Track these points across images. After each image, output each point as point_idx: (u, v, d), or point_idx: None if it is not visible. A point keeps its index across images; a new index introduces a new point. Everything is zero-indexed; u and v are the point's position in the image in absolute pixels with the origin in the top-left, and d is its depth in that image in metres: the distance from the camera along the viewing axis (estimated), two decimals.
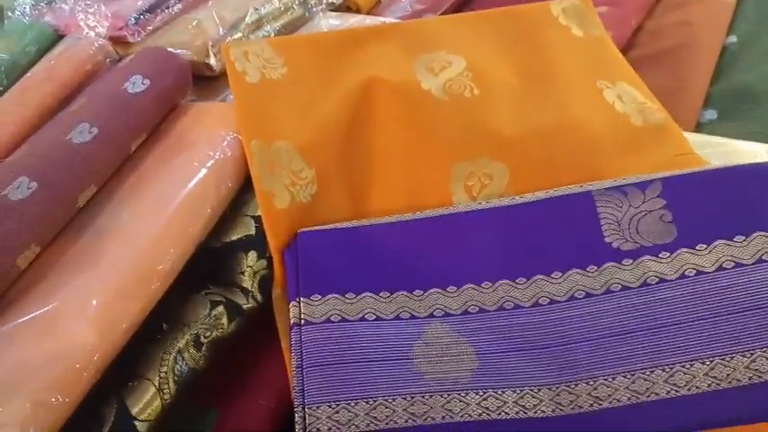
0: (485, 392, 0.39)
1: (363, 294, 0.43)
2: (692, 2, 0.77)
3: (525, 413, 0.38)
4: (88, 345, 0.38)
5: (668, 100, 0.57)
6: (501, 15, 0.61)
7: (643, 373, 0.39)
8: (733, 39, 0.73)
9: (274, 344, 0.44)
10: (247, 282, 0.45)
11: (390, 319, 0.42)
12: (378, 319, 0.42)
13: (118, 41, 0.62)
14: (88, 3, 0.65)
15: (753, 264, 0.41)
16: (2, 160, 0.48)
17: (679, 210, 0.44)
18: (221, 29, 0.61)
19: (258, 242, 0.46)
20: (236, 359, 0.44)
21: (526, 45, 0.58)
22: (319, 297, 0.43)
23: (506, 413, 0.38)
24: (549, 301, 0.42)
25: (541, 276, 0.43)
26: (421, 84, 0.54)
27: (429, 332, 0.41)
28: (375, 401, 0.39)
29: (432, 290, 0.43)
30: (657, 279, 0.42)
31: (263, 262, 0.46)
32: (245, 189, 0.49)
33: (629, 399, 0.38)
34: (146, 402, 0.38)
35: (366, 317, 0.42)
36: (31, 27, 0.64)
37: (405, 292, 0.43)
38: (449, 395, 0.39)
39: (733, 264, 0.41)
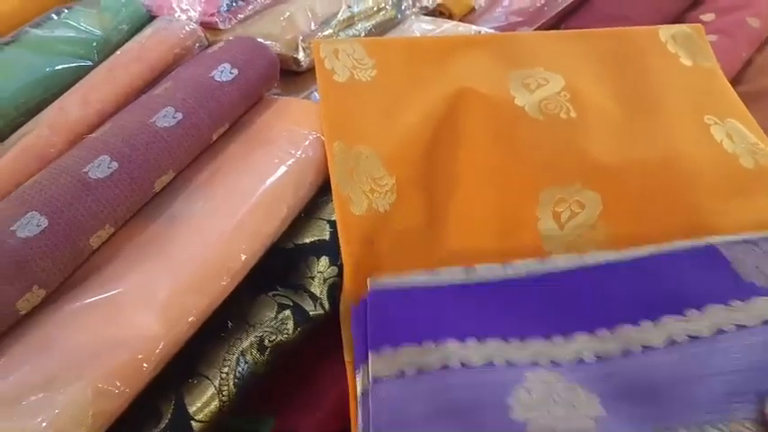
0: None
1: (446, 341, 0.37)
2: None
3: None
4: (152, 336, 0.37)
5: None
6: (605, 36, 0.58)
7: None
8: None
9: (339, 355, 0.42)
10: (316, 288, 0.43)
11: (480, 366, 0.37)
12: (464, 366, 0.37)
13: (208, 27, 0.61)
14: None
15: None
16: (86, 136, 0.48)
17: None
18: (312, 23, 0.60)
19: (331, 248, 0.44)
20: (298, 368, 0.43)
21: (630, 70, 0.55)
22: (391, 349, 0.38)
23: None
24: (688, 337, 0.39)
25: (672, 317, 0.39)
26: (515, 100, 0.51)
27: (532, 378, 0.36)
28: None
29: (531, 339, 0.39)
30: None
31: (335, 269, 0.44)
32: (323, 191, 0.47)
33: None
34: (204, 402, 0.37)
35: (450, 365, 0.37)
36: (125, 5, 0.64)
37: (498, 339, 0.39)
38: None
39: None
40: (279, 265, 0.44)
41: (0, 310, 0.38)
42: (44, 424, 0.32)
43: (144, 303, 0.39)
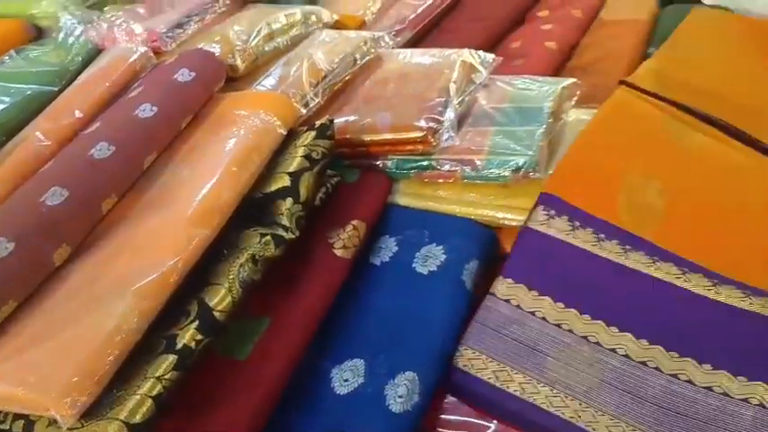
0: (614, 419, 0.47)
1: (544, 297, 0.55)
2: (614, 23, 0.95)
3: None
4: (170, 259, 0.49)
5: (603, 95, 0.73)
6: None
7: None
8: (652, 49, 0.90)
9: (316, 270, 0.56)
10: (286, 221, 0.57)
11: (552, 323, 0.53)
12: (543, 318, 0.54)
13: (153, 51, 0.74)
14: (124, 21, 0.77)
15: None
16: (79, 133, 0.59)
17: None
18: (240, 39, 0.74)
19: (293, 191, 0.58)
20: (286, 282, 0.56)
21: None
22: (512, 282, 0.56)
23: None
24: (687, 380, 0.49)
25: (693, 360, 0.50)
26: None
27: (575, 346, 0.52)
28: (504, 366, 0.51)
29: (598, 321, 0.53)
30: None
31: (299, 206, 0.58)
32: (278, 153, 0.61)
33: None
34: (220, 298, 0.49)
35: (536, 313, 0.54)
36: (76, 41, 0.75)
37: (575, 311, 0.54)
38: (571, 399, 0.49)
39: None
40: (255, 210, 0.58)
41: (39, 262, 0.49)
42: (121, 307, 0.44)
43: (160, 239, 0.51)
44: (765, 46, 0.82)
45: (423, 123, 0.65)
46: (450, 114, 0.66)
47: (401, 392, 0.50)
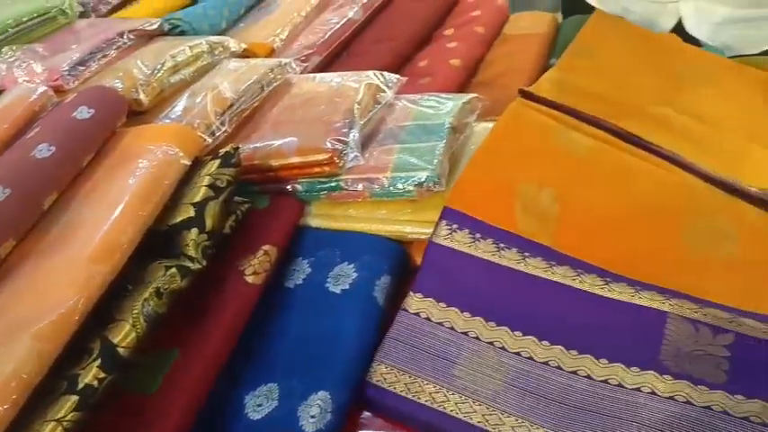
0: (519, 420, 0.49)
1: (452, 308, 0.57)
2: (516, 37, 0.99)
3: None
4: (70, 299, 0.48)
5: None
6: None
7: None
8: (554, 60, 0.94)
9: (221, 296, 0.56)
10: (192, 251, 0.57)
11: (459, 332, 0.55)
12: (451, 328, 0.56)
13: (55, 90, 0.73)
14: (23, 60, 0.76)
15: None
16: None
17: (738, 366, 0.49)
18: (143, 73, 0.74)
19: (198, 221, 0.58)
20: (190, 311, 0.56)
21: None
22: (421, 296, 0.58)
23: None
24: (586, 375, 0.52)
25: (591, 357, 0.52)
26: None
27: (482, 353, 0.54)
28: (416, 378, 0.53)
29: (503, 327, 0.55)
30: (685, 399, 0.48)
31: (204, 236, 0.58)
32: (184, 183, 0.61)
33: None
34: (124, 335, 0.49)
35: (444, 323, 0.56)
36: None
37: (481, 319, 0.56)
38: (479, 404, 0.51)
39: (759, 421, 0.46)
40: (160, 243, 0.57)
41: None
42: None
43: (63, 278, 0.50)
44: (659, 54, 0.87)
45: (328, 145, 0.66)
46: (354, 135, 0.68)
47: (314, 412, 0.50)
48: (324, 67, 0.91)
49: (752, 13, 0.88)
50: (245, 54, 0.88)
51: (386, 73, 0.79)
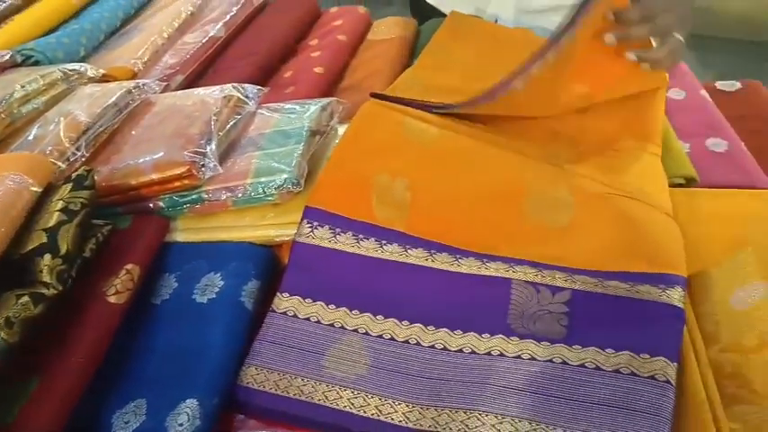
0: (383, 399, 0.51)
1: (317, 302, 0.59)
2: (378, 42, 1.03)
3: (407, 423, 0.50)
4: None
5: None
6: None
7: (512, 420, 0.49)
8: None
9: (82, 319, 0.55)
10: (47, 277, 0.56)
11: (325, 325, 0.57)
12: (317, 322, 0.57)
13: None
14: None
15: (610, 371, 0.50)
16: None
17: (576, 318, 0.54)
18: None
19: (52, 246, 0.57)
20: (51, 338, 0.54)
21: None
22: (288, 295, 0.59)
23: (392, 419, 0.51)
24: (443, 347, 0.55)
25: (446, 330, 0.56)
26: None
27: (347, 341, 0.56)
28: (285, 374, 0.54)
29: (366, 314, 0.57)
30: (530, 356, 0.52)
31: (59, 260, 0.57)
32: (36, 211, 0.60)
33: None
34: None
35: (310, 318, 0.57)
36: None
37: (345, 309, 0.58)
38: (344, 389, 0.52)
39: (594, 366, 0.51)
40: (14, 273, 0.56)
41: None
42: None
43: None
44: (509, 47, 0.92)
45: (186, 157, 0.66)
46: (212, 146, 0.68)
47: (182, 420, 0.50)
48: (188, 85, 0.92)
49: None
50: (106, 79, 0.87)
51: (246, 85, 0.80)
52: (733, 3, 2.80)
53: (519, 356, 0.52)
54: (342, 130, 0.78)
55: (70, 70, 0.82)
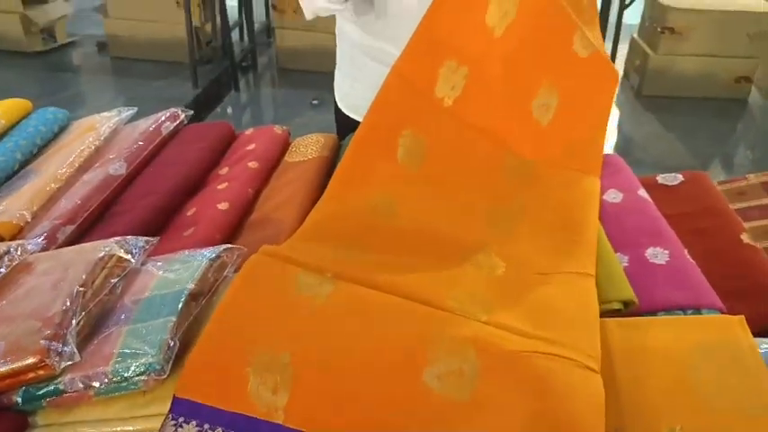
0: None
1: None
2: (295, 165, 0.96)
3: None
4: None
5: None
6: None
7: None
8: None
9: None
10: None
11: None
12: None
13: None
14: None
15: None
16: None
17: None
18: None
19: None
20: None
21: None
22: None
23: None
24: None
25: None
26: None
27: None
28: None
29: None
30: None
31: None
32: None
33: None
34: None
35: None
36: None
37: None
38: None
39: None
40: None
41: None
42: None
43: None
44: None
45: (40, 345, 0.58)
46: (73, 327, 0.60)
47: None
48: (80, 234, 0.84)
49: None
50: None
51: (131, 238, 0.72)
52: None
53: None
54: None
55: None
